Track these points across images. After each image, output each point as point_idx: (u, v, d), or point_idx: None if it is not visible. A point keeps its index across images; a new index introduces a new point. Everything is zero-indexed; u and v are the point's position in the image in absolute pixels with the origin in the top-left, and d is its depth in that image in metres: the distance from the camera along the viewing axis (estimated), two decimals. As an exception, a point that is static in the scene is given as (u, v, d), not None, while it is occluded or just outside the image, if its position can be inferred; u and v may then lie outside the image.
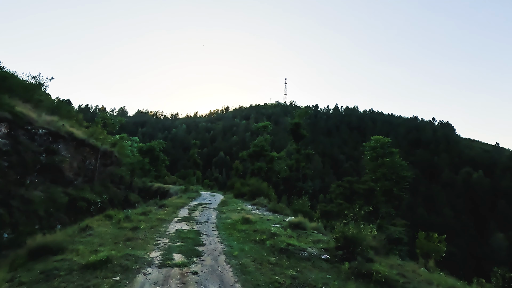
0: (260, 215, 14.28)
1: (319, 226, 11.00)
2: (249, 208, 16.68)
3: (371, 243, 7.49)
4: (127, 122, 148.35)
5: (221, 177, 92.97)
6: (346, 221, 8.92)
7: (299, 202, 18.70)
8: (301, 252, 7.22)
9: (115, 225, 9.91)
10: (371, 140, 22.70)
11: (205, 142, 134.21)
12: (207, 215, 13.84)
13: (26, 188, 16.57)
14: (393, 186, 20.53)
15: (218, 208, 16.47)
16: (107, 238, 8.08)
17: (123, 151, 32.91)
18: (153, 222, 10.76)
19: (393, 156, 21.43)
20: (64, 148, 21.67)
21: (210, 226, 10.95)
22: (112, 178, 27.32)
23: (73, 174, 21.41)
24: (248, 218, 11.56)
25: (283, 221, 12.96)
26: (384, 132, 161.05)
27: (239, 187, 23.13)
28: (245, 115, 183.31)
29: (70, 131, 23.08)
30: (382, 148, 21.77)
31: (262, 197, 19.03)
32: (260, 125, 37.21)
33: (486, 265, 59.42)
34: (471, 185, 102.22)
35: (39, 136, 19.56)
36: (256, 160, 33.11)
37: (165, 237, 8.66)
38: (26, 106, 22.63)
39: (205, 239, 8.74)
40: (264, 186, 21.07)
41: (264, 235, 9.12)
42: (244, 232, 9.66)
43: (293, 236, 9.25)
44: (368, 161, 22.48)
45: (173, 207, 15.74)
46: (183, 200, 19.20)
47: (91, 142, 24.87)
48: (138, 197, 31.03)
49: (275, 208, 15.87)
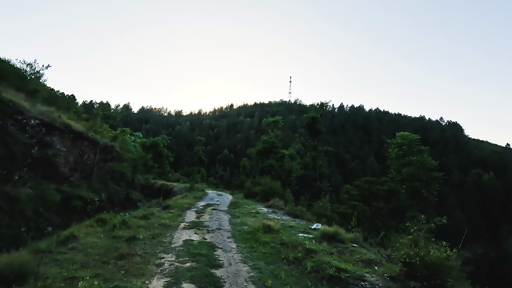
0: (279, 220, 12.27)
1: (357, 237, 8.96)
2: (264, 211, 14.68)
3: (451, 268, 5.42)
4: (131, 118, 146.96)
5: (226, 175, 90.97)
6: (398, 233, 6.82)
7: (319, 204, 16.67)
8: (360, 282, 5.19)
9: (108, 234, 7.96)
10: (397, 136, 20.56)
11: (209, 139, 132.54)
12: (218, 219, 11.86)
13: (12, 185, 14.73)
14: (423, 187, 18.40)
15: (229, 211, 14.49)
16: (94, 254, 6.12)
17: (125, 146, 31.06)
18: (155, 230, 8.79)
19: (422, 154, 19.31)
20: (60, 141, 19.81)
21: (224, 236, 8.96)
22: (113, 175, 25.46)
23: (69, 169, 19.55)
24: (270, 225, 9.55)
25: (309, 228, 10.94)
26: (390, 132, 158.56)
27: (250, 186, 21.16)
28: (249, 113, 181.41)
29: (67, 123, 21.20)
30: (409, 146, 19.62)
31: (277, 198, 17.01)
32: (271, 120, 34.97)
33: (499, 270, 57.07)
34: (481, 187, 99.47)
35: (31, 127, 17.69)
36: (266, 158, 31.09)
37: (170, 252, 6.67)
38: (19, 95, 20.81)
39: (222, 255, 6.74)
40: (278, 186, 19.06)
41: (297, 250, 7.12)
42: (270, 246, 7.65)
43: (333, 252, 7.23)
44: (393, 160, 20.34)
45: (179, 209, 13.79)
46: (189, 200, 17.25)
47: (90, 135, 23.00)
48: (140, 195, 29.14)
49: (294, 211, 13.85)
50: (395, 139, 20.26)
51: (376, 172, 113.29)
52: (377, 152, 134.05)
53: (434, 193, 18.93)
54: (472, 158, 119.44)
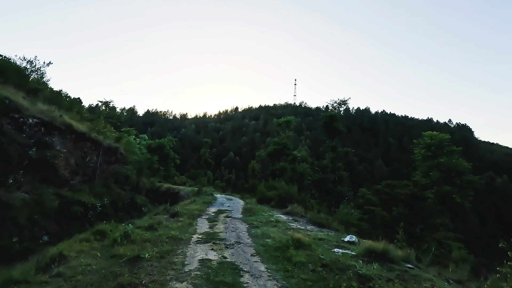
0: (304, 230, 10.68)
1: (410, 256, 7.34)
2: (283, 219, 13.10)
3: None
4: (136, 121, 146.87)
5: (233, 178, 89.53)
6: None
7: (343, 211, 14.98)
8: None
9: (106, 251, 6.47)
10: (424, 136, 18.80)
11: (214, 142, 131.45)
12: (235, 229, 10.31)
13: (6, 189, 13.38)
14: (455, 192, 16.59)
15: (244, 218, 12.93)
16: (86, 284, 4.61)
17: (130, 148, 29.74)
18: (164, 245, 7.26)
19: (453, 155, 17.53)
20: (60, 141, 18.49)
21: (247, 252, 7.40)
22: (116, 178, 24.08)
23: (69, 172, 18.19)
24: (299, 239, 7.98)
25: (342, 241, 9.35)
26: (398, 134, 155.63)
27: (264, 191, 19.56)
28: (254, 116, 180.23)
29: (68, 122, 19.90)
30: (439, 146, 17.82)
31: (295, 204, 15.38)
32: (282, 120, 33.26)
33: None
34: (495, 190, 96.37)
35: (29, 126, 16.38)
36: (277, 160, 29.43)
37: (185, 280, 5.13)
38: (19, 93, 19.60)
39: (251, 284, 5.18)
40: (294, 191, 17.43)
41: (346, 276, 5.54)
42: (308, 269, 6.06)
43: (392, 278, 5.63)
44: (419, 162, 18.58)
45: (189, 216, 12.29)
46: (199, 206, 15.73)
47: (93, 136, 21.70)
48: (145, 199, 27.69)
49: (319, 220, 12.23)
50: (422, 138, 18.53)
51: (384, 175, 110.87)
52: (384, 155, 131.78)
53: (469, 199, 17.12)
54: (484, 160, 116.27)
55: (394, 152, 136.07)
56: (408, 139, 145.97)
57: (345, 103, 24.89)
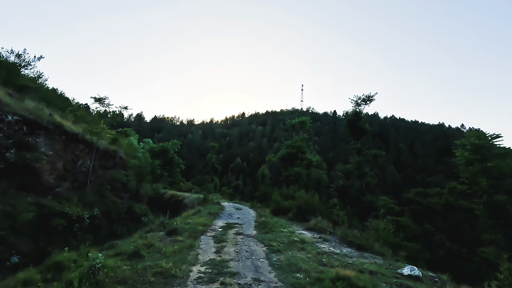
0: (341, 256, 7.98)
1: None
2: (308, 236, 10.40)
3: None
4: (143, 127, 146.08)
5: (241, 185, 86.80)
6: None
7: (381, 227, 12.16)
8: None
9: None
10: (468, 136, 15.91)
11: (221, 148, 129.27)
12: (250, 255, 7.67)
13: (-32, 198, 11.10)
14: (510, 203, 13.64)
15: (260, 236, 10.26)
16: None
17: (131, 151, 27.44)
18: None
19: (505, 159, 14.62)
20: (47, 143, 16.17)
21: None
22: (113, 185, 21.67)
23: (55, 178, 15.81)
24: (349, 277, 5.33)
25: (401, 275, 6.63)
26: (409, 139, 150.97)
27: (279, 200, 16.90)
28: (261, 121, 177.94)
29: (58, 122, 17.64)
30: (486, 148, 14.90)
31: (319, 217, 12.66)
32: (296, 121, 30.47)
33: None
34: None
35: (7, 124, 14.09)
36: (290, 165, 26.63)
37: None
38: (4, 89, 17.54)
39: None
40: (316, 200, 14.70)
41: None
42: None
43: None
44: (463, 166, 15.68)
45: (190, 234, 9.72)
46: (203, 219, 13.13)
47: (87, 138, 19.43)
48: (146, 208, 25.15)
49: (356, 240, 9.49)
50: (466, 139, 15.64)
51: (398, 182, 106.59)
52: (396, 160, 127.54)
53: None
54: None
55: (406, 158, 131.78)
56: (420, 144, 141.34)
57: (371, 100, 21.99)
